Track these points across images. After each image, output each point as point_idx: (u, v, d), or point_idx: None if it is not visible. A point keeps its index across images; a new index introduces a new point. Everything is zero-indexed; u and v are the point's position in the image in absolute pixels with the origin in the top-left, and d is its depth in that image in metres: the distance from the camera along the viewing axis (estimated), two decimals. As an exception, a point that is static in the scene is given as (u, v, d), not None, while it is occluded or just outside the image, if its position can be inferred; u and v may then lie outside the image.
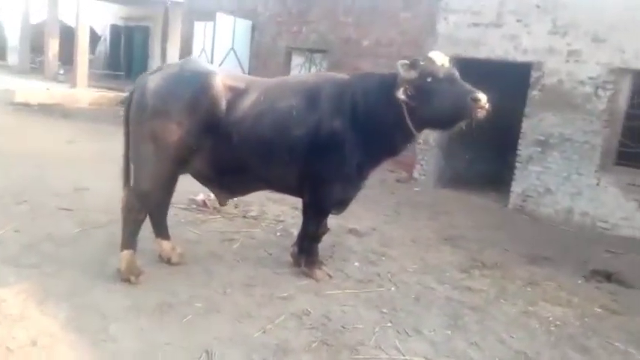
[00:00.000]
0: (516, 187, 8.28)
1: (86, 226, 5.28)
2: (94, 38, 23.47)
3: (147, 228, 4.53)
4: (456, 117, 4.05)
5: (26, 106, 14.09)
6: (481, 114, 3.91)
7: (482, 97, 3.87)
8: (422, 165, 9.57)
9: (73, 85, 17.59)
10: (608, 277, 5.50)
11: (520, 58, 8.13)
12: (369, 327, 3.89)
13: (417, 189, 9.16)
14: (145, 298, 3.92)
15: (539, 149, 7.99)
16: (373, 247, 5.69)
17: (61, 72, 19.77)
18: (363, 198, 7.47)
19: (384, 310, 4.17)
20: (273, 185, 4.56)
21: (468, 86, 4.00)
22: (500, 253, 6.10)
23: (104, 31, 24.18)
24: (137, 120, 4.01)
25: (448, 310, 4.33)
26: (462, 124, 4.14)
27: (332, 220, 5.73)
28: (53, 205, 5.80)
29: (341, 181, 4.32)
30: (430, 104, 4.01)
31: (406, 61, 4.08)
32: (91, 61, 20.93)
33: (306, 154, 4.18)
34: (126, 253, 4.11)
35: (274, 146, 4.14)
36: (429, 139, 9.36)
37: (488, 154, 10.01)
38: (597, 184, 7.42)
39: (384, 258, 5.40)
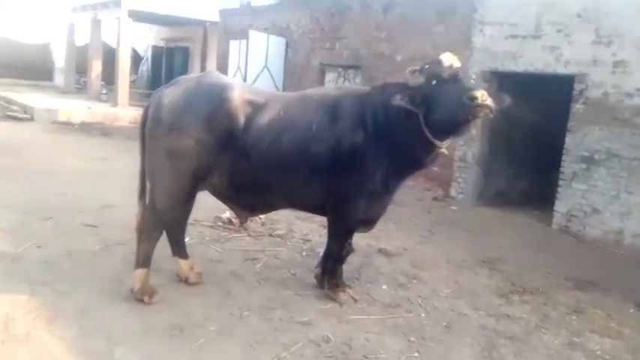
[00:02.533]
0: (560, 207, 7.80)
1: (108, 243, 5.19)
2: (137, 59, 24.13)
3: (166, 246, 4.39)
4: (457, 119, 3.70)
5: (68, 125, 14.42)
6: (483, 113, 3.56)
7: (479, 94, 3.50)
8: (459, 183, 9.18)
9: (115, 104, 17.98)
10: (664, 305, 5.02)
11: (561, 70, 7.72)
12: (394, 357, 3.58)
13: (454, 207, 8.77)
14: (157, 319, 3.73)
15: (585, 166, 7.51)
16: (404, 269, 5.37)
17: (104, 92, 20.27)
18: (396, 217, 7.28)
19: (412, 339, 3.86)
20: (295, 204, 4.33)
21: (468, 85, 3.70)
22: (542, 276, 5.68)
23: (146, 52, 24.78)
24: (152, 136, 3.87)
25: (482, 340, 3.98)
26: (470, 128, 3.85)
27: (361, 240, 5.50)
28: (78, 222, 5.74)
29: (365, 198, 4.06)
30: (435, 110, 3.72)
31: (416, 68, 3.82)
32: (134, 82, 21.47)
33: (327, 171, 3.96)
34: (140, 271, 3.95)
35: (294, 163, 3.94)
36: (467, 155, 9.00)
37: (530, 171, 9.55)
38: (650, 204, 6.90)
39: (414, 281, 5.08)
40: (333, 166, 3.95)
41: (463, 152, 8.99)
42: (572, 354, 3.93)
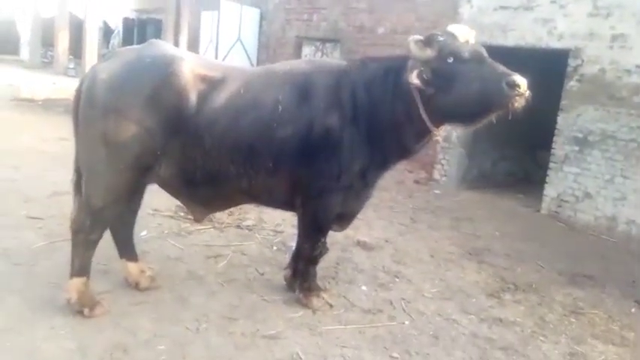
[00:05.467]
0: (550, 191, 7.35)
1: (54, 238, 4.56)
2: (108, 32, 23.12)
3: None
4: (486, 107, 3.18)
5: (31, 101, 13.56)
6: (519, 103, 3.05)
7: (522, 82, 3.01)
8: (443, 165, 8.68)
9: (82, 79, 17.07)
10: (667, 303, 4.61)
11: (555, 44, 7.19)
12: (374, 380, 3.09)
13: (437, 191, 8.28)
14: (96, 338, 3.16)
15: (577, 148, 7.05)
16: (385, 265, 4.86)
17: (72, 66, 19.34)
18: (375, 202, 6.74)
19: (395, 355, 3.34)
20: (258, 198, 3.73)
21: (501, 68, 3.13)
22: (534, 270, 5.23)
23: (117, 25, 23.74)
24: (86, 118, 3.25)
25: (474, 353, 3.49)
26: (493, 117, 3.27)
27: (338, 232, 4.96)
28: (22, 213, 5.10)
29: (340, 192, 3.50)
30: (452, 91, 3.17)
31: (420, 38, 3.24)
32: (104, 56, 20.51)
33: (296, 160, 3.39)
34: (76, 281, 3.35)
35: (256, 150, 3.35)
36: (451, 136, 8.48)
37: (516, 153, 9.10)
38: (646, 189, 6.47)
39: (397, 279, 4.58)
40: (302, 155, 3.39)
41: (447, 132, 8.46)
42: (575, 368, 3.48)
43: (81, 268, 3.35)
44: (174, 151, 3.30)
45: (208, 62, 3.57)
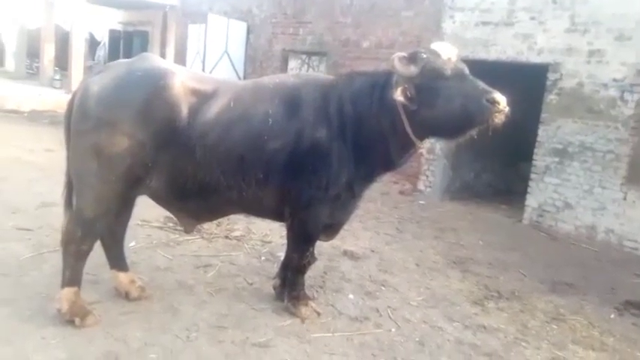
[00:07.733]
0: (532, 201, 7.52)
1: (42, 249, 4.59)
2: (94, 44, 23.09)
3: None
4: (467, 123, 3.31)
5: (16, 113, 13.51)
6: (499, 119, 3.18)
7: (501, 99, 3.15)
8: (427, 176, 8.83)
9: (68, 90, 17.01)
10: (646, 309, 4.75)
11: (534, 59, 7.40)
12: (361, 386, 3.16)
13: (421, 202, 8.41)
14: (87, 347, 3.20)
15: (557, 159, 7.24)
16: (371, 274, 4.95)
17: (57, 77, 19.25)
18: (361, 213, 6.85)
19: (382, 361, 3.44)
20: (248, 209, 3.81)
21: (482, 85, 3.27)
22: (516, 278, 5.36)
23: (103, 37, 23.74)
24: (78, 131, 3.30)
25: (459, 359, 3.58)
26: (474, 132, 3.41)
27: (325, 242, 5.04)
28: (10, 225, 5.11)
29: (328, 203, 3.59)
30: (435, 107, 3.29)
31: (404, 54, 3.36)
32: (90, 67, 20.49)
33: (285, 171, 3.47)
34: (67, 291, 3.38)
35: (246, 162, 3.43)
36: (435, 148, 8.63)
37: (499, 164, 9.28)
38: (624, 199, 6.65)
39: (383, 288, 4.66)
40: (291, 167, 3.47)
41: (431, 145, 8.62)
42: (557, 373, 3.58)
43: (72, 278, 3.39)
44: (165, 163, 3.36)
45: (199, 76, 3.65)
